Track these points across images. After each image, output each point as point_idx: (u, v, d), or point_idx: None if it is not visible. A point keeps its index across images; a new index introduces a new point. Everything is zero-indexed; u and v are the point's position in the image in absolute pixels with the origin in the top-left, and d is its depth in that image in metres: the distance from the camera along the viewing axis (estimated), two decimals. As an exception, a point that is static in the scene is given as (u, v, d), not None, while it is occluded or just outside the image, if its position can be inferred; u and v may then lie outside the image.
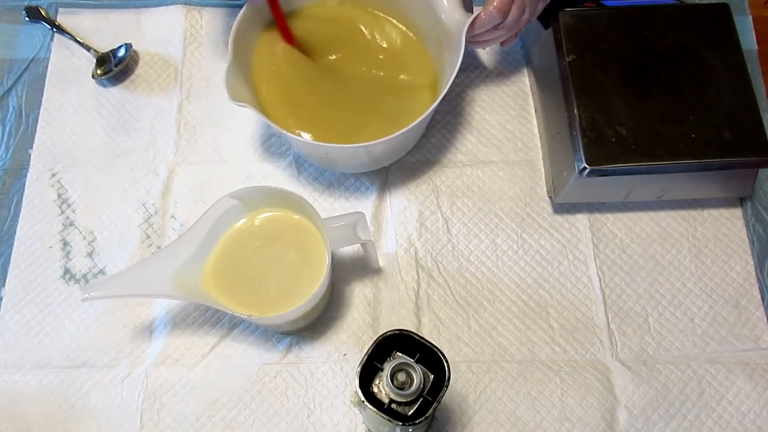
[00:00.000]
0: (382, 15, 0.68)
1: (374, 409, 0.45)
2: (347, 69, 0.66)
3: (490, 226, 0.64)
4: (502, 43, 0.64)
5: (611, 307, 0.61)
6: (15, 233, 0.64)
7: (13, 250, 0.63)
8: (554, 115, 0.63)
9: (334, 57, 0.67)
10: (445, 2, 0.61)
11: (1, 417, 0.57)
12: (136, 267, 0.52)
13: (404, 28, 0.67)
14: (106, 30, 0.73)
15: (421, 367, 0.46)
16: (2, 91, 0.70)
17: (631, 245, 0.63)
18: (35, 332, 0.60)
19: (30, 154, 0.67)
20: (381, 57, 0.67)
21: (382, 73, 0.66)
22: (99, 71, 0.70)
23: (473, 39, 0.61)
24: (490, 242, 0.63)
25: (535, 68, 0.70)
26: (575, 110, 0.59)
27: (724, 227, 0.64)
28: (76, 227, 0.64)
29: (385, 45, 0.67)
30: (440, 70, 0.64)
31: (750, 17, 0.72)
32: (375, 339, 0.46)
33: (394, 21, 0.67)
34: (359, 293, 0.61)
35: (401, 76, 0.66)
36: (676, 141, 0.58)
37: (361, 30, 0.67)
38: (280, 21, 0.62)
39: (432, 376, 0.47)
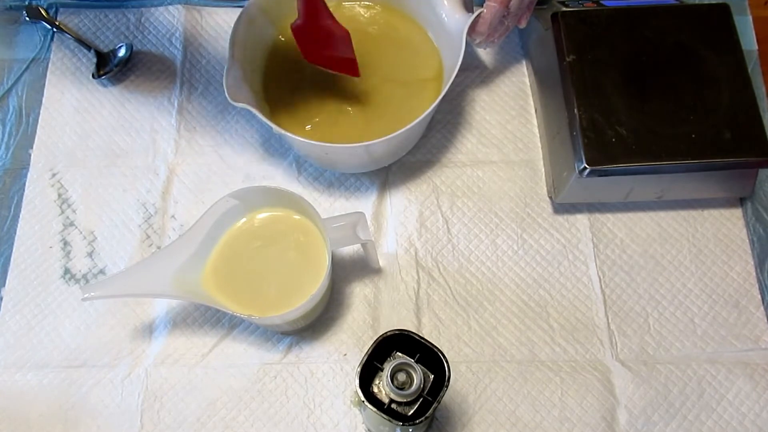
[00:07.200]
0: (389, 8, 0.67)
1: (374, 409, 0.45)
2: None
3: (490, 226, 0.64)
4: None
5: (611, 307, 0.61)
6: (15, 233, 0.64)
7: (13, 250, 0.63)
8: (554, 115, 0.63)
9: None
10: (445, 2, 0.61)
11: (1, 417, 0.57)
12: (136, 267, 0.52)
13: (411, 21, 0.67)
14: (106, 30, 0.73)
15: (421, 367, 0.46)
16: (2, 91, 0.70)
17: (632, 245, 0.63)
18: (35, 332, 0.60)
19: (30, 154, 0.67)
20: (388, 51, 0.66)
21: (389, 68, 0.65)
22: (99, 71, 0.70)
23: (488, 38, 0.61)
24: (490, 242, 0.63)
25: (535, 68, 0.70)
26: (575, 110, 0.59)
27: (724, 227, 0.64)
28: (76, 227, 0.64)
29: (392, 38, 0.67)
30: (445, 63, 0.64)
31: (750, 17, 0.72)
32: (375, 339, 0.46)
33: (402, 14, 0.67)
34: (359, 293, 0.61)
35: (408, 70, 0.65)
36: (676, 141, 0.58)
37: (369, 24, 0.67)
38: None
39: (432, 376, 0.47)
